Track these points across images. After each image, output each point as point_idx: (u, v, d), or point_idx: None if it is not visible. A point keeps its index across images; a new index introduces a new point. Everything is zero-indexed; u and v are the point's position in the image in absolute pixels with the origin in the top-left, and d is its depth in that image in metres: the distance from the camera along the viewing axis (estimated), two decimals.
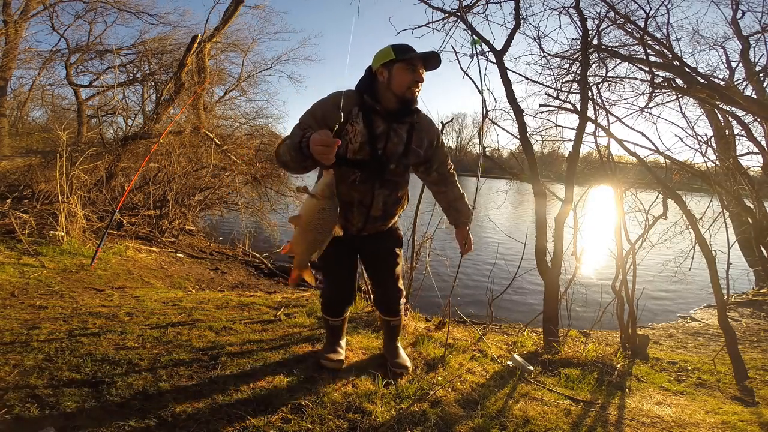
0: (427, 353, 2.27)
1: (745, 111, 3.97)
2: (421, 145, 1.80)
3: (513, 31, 3.32)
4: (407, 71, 1.66)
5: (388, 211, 1.78)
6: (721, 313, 2.72)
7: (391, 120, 1.70)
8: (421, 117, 1.81)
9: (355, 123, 1.65)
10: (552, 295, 2.95)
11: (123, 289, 3.50)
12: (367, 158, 1.67)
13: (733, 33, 5.90)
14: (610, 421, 1.85)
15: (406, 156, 1.75)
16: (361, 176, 1.68)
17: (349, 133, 1.64)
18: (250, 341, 2.21)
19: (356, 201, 1.71)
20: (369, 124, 1.67)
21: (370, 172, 1.68)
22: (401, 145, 1.73)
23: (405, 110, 1.72)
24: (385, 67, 1.69)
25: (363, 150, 1.66)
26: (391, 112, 1.70)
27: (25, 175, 5.93)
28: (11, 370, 1.71)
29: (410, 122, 1.76)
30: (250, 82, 9.64)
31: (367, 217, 1.75)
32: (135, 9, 9.96)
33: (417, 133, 1.78)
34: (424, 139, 1.80)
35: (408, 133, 1.75)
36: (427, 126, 1.83)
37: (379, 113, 1.68)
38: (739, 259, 5.49)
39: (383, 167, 1.69)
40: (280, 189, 7.78)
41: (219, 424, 1.47)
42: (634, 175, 3.57)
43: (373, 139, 1.67)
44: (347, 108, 1.64)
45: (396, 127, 1.72)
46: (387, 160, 1.70)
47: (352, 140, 1.64)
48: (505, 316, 4.08)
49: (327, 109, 1.63)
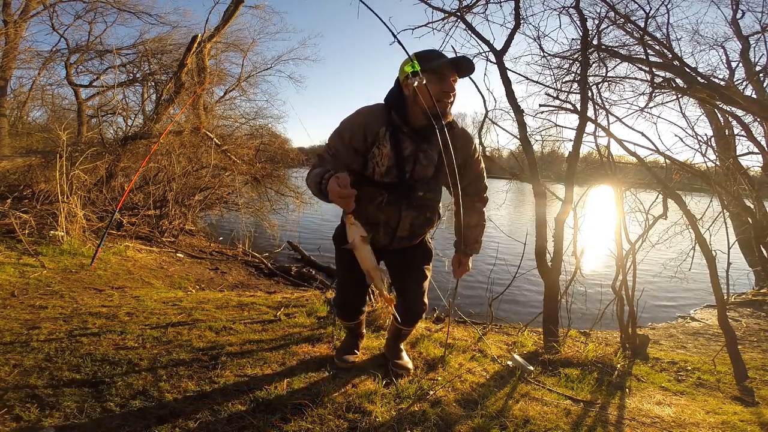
0: (427, 353, 2.27)
1: (745, 111, 3.97)
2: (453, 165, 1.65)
3: (513, 31, 3.32)
4: (433, 81, 1.48)
5: (415, 231, 1.69)
6: (721, 313, 2.72)
7: (420, 140, 1.56)
8: (456, 133, 1.63)
9: (381, 146, 1.53)
10: (552, 295, 2.95)
11: (123, 289, 3.50)
12: (395, 181, 1.56)
13: (733, 33, 5.90)
14: (610, 421, 1.85)
15: (436, 179, 1.62)
16: (388, 198, 1.58)
17: (375, 156, 1.54)
18: (250, 341, 2.21)
19: (382, 222, 1.63)
20: (396, 146, 1.54)
21: (397, 195, 1.58)
22: (431, 168, 1.60)
23: (434, 129, 1.51)
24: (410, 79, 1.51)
25: (390, 173, 1.55)
26: (420, 131, 1.55)
27: (25, 175, 5.93)
28: (11, 370, 1.71)
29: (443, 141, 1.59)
30: (250, 82, 9.67)
31: (393, 237, 1.67)
32: (135, 9, 9.99)
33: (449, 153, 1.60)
34: (457, 158, 1.61)
35: (440, 154, 1.59)
36: (461, 143, 1.65)
37: (406, 133, 1.55)
38: (739, 259, 5.49)
39: (411, 191, 1.58)
40: (280, 189, 7.79)
41: (219, 424, 1.47)
42: (634, 175, 3.57)
43: (400, 161, 1.54)
44: (374, 129, 1.54)
45: (426, 148, 1.58)
46: (415, 184, 1.58)
47: (378, 163, 1.54)
48: (505, 316, 4.09)
49: (354, 131, 1.53)
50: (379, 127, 1.54)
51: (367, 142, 1.54)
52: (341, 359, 2.00)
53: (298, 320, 2.60)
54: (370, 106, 1.60)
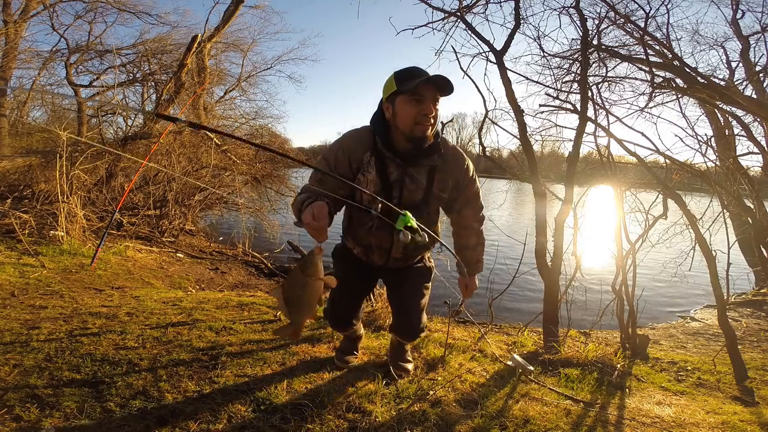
0: (427, 353, 2.27)
1: (745, 111, 3.97)
2: (445, 188, 1.57)
3: (513, 31, 3.32)
4: (411, 103, 1.41)
5: (410, 253, 1.63)
6: (721, 313, 2.72)
7: (406, 164, 1.49)
8: (446, 154, 1.55)
9: (367, 172, 1.49)
10: (552, 295, 2.95)
11: (123, 289, 3.50)
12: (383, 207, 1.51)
13: (733, 33, 5.90)
14: (610, 421, 1.85)
15: (426, 203, 1.55)
16: (377, 223, 1.53)
17: (361, 182, 1.49)
18: (250, 341, 2.21)
19: (375, 245, 1.61)
20: (382, 171, 1.48)
21: (384, 221, 1.51)
22: (420, 192, 1.53)
23: (420, 151, 1.47)
24: (389, 101, 1.46)
25: (377, 199, 1.50)
26: (404, 154, 1.48)
27: (25, 175, 5.93)
28: (11, 370, 1.71)
29: (430, 165, 1.52)
30: (250, 82, 9.65)
31: (388, 258, 1.64)
32: (135, 9, 9.98)
33: (440, 175, 1.54)
34: (448, 180, 1.56)
35: (429, 177, 1.52)
36: (452, 164, 1.57)
37: (391, 157, 1.48)
38: (739, 259, 5.49)
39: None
40: (280, 189, 7.78)
41: (219, 424, 1.47)
42: (634, 175, 3.56)
43: (387, 187, 1.49)
44: (358, 155, 1.49)
45: (412, 172, 1.51)
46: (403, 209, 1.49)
47: (363, 190, 1.50)
48: (505, 316, 4.08)
49: (339, 157, 1.50)
50: (363, 152, 1.50)
51: (353, 168, 1.50)
52: (341, 360, 2.00)
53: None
54: (355, 131, 1.56)
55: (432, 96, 1.41)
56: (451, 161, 1.56)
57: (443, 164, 1.54)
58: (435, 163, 1.52)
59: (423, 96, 1.40)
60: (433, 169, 1.53)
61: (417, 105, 1.40)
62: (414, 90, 1.39)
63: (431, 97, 1.41)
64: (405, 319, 1.77)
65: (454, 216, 1.72)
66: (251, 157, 7.50)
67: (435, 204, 1.59)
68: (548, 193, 3.20)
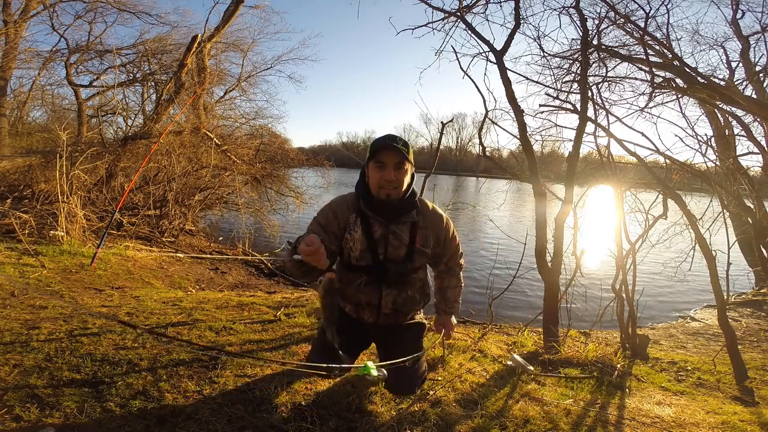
0: (426, 353, 2.27)
1: (745, 111, 3.97)
2: (427, 244, 1.66)
3: (513, 31, 3.32)
4: (375, 169, 1.54)
5: (399, 309, 1.68)
6: (721, 313, 2.72)
7: (389, 222, 1.60)
8: (424, 212, 1.67)
9: (353, 231, 1.59)
10: (552, 295, 2.95)
11: (123, 289, 3.50)
12: (370, 264, 1.60)
13: (733, 33, 5.89)
14: (610, 421, 1.85)
15: (410, 258, 1.63)
16: (366, 280, 1.62)
17: (349, 241, 1.59)
18: (250, 341, 2.21)
19: (364, 302, 1.66)
20: (367, 230, 1.58)
21: (374, 277, 1.62)
22: (403, 248, 1.61)
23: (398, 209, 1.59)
24: (367, 166, 1.59)
25: (364, 257, 1.59)
26: (385, 213, 1.59)
27: (25, 175, 5.94)
28: (11, 370, 1.71)
29: (411, 221, 1.62)
30: (250, 82, 9.66)
31: (379, 314, 1.67)
32: (135, 9, 10.00)
33: (421, 231, 1.64)
34: (429, 236, 1.66)
35: (411, 233, 1.62)
36: (431, 221, 1.67)
37: (374, 217, 1.59)
38: (739, 259, 5.49)
39: (386, 272, 1.61)
40: (280, 189, 7.79)
41: (219, 424, 1.47)
42: (634, 175, 3.57)
43: (372, 244, 1.58)
44: (345, 216, 1.60)
45: (395, 229, 1.60)
46: (389, 265, 1.60)
47: (352, 248, 1.59)
48: (505, 316, 4.08)
49: (329, 217, 1.60)
50: (350, 213, 1.61)
51: (341, 228, 1.60)
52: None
53: (298, 320, 2.60)
54: (342, 196, 1.68)
55: (394, 163, 1.53)
56: (430, 218, 1.68)
57: (423, 221, 1.65)
58: (415, 219, 1.63)
59: (384, 163, 1.53)
60: (415, 226, 1.63)
61: (380, 171, 1.53)
62: (377, 157, 1.53)
63: (393, 164, 1.53)
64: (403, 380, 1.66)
65: (441, 267, 1.82)
66: (251, 157, 7.50)
67: (419, 258, 1.65)
68: (548, 193, 3.20)
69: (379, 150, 1.52)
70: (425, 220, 1.66)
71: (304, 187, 8.09)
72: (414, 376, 1.69)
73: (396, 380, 1.61)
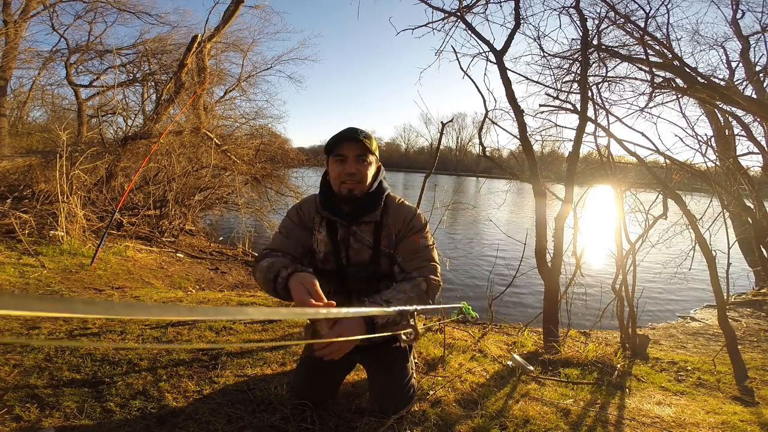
0: (427, 353, 2.27)
1: (745, 111, 3.97)
2: (390, 245, 1.46)
3: (513, 31, 3.32)
4: (335, 163, 1.41)
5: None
6: (721, 313, 2.72)
7: (349, 222, 1.44)
8: (390, 209, 1.47)
9: (318, 231, 1.47)
10: (552, 295, 2.95)
11: (123, 289, 3.50)
12: (334, 268, 1.46)
13: (733, 33, 5.90)
14: (610, 421, 1.85)
15: (376, 262, 1.44)
16: (333, 288, 1.46)
17: (315, 241, 1.48)
18: (250, 341, 2.21)
19: None
20: (331, 231, 1.45)
21: (339, 284, 1.46)
22: (366, 251, 1.44)
23: (359, 208, 1.42)
24: (327, 162, 1.47)
25: (328, 260, 1.46)
26: (346, 213, 1.44)
27: (25, 175, 5.93)
28: (11, 370, 1.71)
29: (374, 221, 1.45)
30: (250, 82, 9.66)
31: None
32: (135, 9, 10.00)
33: (386, 231, 1.45)
34: (392, 235, 1.46)
35: (375, 234, 1.44)
36: (395, 219, 1.46)
37: (329, 216, 1.45)
38: (739, 259, 5.50)
39: (349, 279, 1.45)
40: (280, 189, 7.79)
41: (219, 424, 1.47)
42: (634, 175, 3.57)
43: (335, 247, 1.45)
44: (311, 213, 1.49)
45: (356, 231, 1.44)
46: (351, 270, 1.45)
47: (317, 250, 1.47)
48: (505, 316, 4.09)
49: (299, 212, 1.50)
50: (314, 213, 1.49)
51: (308, 227, 1.49)
52: None
53: (298, 320, 2.60)
54: (311, 194, 1.58)
55: (354, 155, 1.40)
56: (392, 215, 1.47)
57: (388, 219, 1.46)
58: (377, 218, 1.45)
59: (344, 156, 1.40)
60: (379, 226, 1.45)
61: (341, 165, 1.41)
62: (336, 150, 1.41)
63: (353, 156, 1.40)
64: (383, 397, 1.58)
65: (395, 269, 1.46)
66: (251, 157, 7.50)
67: (387, 262, 1.46)
68: (548, 193, 3.20)
69: (339, 142, 1.40)
70: (390, 218, 1.46)
71: (304, 187, 8.09)
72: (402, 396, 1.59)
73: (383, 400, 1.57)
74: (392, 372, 1.59)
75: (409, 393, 1.62)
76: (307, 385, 1.61)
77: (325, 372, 1.59)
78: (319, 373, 1.59)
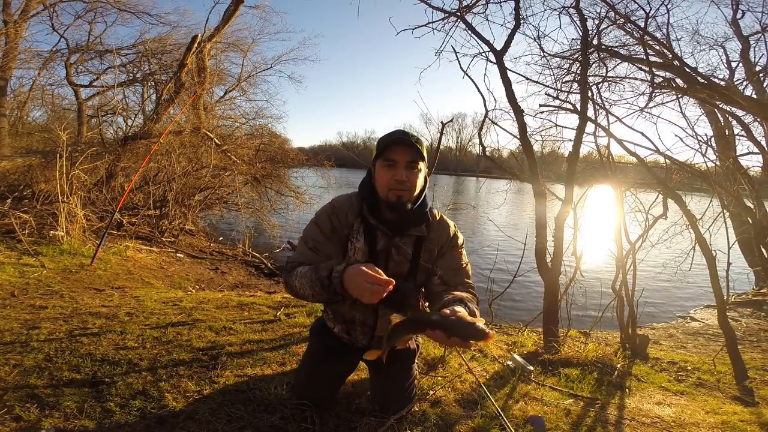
0: (427, 353, 2.27)
1: (745, 111, 3.97)
2: (430, 259, 1.45)
3: (513, 31, 3.32)
4: (385, 168, 1.33)
5: None
6: (721, 313, 2.73)
7: (393, 233, 1.40)
8: (433, 224, 1.46)
9: (355, 239, 1.41)
10: (552, 295, 2.95)
11: (123, 289, 3.50)
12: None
13: (733, 33, 5.90)
14: (610, 421, 1.85)
15: (413, 276, 1.43)
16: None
17: (349, 250, 1.42)
18: (250, 341, 2.21)
19: (358, 320, 1.49)
20: (370, 239, 1.40)
21: None
22: (406, 264, 1.42)
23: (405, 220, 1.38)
24: (373, 165, 1.39)
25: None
26: (389, 223, 1.39)
27: (25, 175, 5.93)
28: (11, 370, 1.71)
29: (417, 234, 1.42)
30: (250, 82, 9.66)
31: (372, 337, 1.51)
32: (135, 9, 10.01)
33: (427, 246, 1.44)
34: (434, 250, 1.45)
35: (416, 248, 1.43)
36: (437, 234, 1.46)
37: (378, 225, 1.39)
38: (739, 259, 5.49)
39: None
40: (280, 189, 7.79)
41: (219, 424, 1.47)
42: (634, 175, 3.57)
43: (374, 257, 1.40)
44: (348, 220, 1.41)
45: (398, 242, 1.41)
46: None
47: (352, 258, 1.41)
48: (505, 316, 4.09)
49: (332, 220, 1.41)
50: (353, 218, 1.42)
51: (343, 234, 1.42)
52: None
53: (298, 320, 2.60)
54: (345, 195, 1.48)
55: (405, 161, 1.33)
56: (436, 231, 1.46)
57: (430, 234, 1.45)
58: (423, 233, 1.43)
59: (395, 161, 1.33)
60: (421, 240, 1.43)
61: (390, 170, 1.33)
62: (386, 154, 1.33)
63: (404, 162, 1.33)
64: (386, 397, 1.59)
65: (436, 282, 1.44)
66: (251, 157, 7.50)
67: (422, 276, 1.45)
68: (548, 193, 3.20)
69: (389, 146, 1.32)
70: (433, 233, 1.45)
71: (304, 187, 8.09)
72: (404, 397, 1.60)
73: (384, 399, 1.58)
74: (397, 371, 1.59)
75: (410, 393, 1.64)
76: (307, 385, 1.62)
77: (325, 372, 1.60)
78: (319, 373, 1.60)
